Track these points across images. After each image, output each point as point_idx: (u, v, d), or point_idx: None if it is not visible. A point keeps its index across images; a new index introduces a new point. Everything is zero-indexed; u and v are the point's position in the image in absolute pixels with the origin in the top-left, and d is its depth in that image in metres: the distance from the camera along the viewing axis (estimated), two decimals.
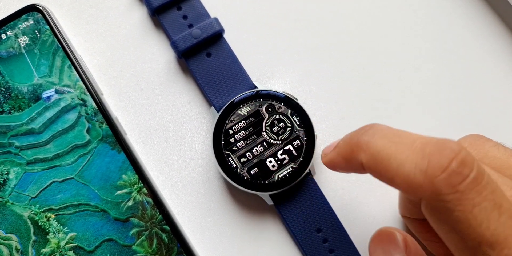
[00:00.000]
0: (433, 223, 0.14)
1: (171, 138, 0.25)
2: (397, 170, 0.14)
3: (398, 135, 0.15)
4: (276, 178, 0.22)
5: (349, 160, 0.16)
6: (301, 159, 0.22)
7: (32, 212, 0.23)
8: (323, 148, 0.19)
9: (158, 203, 0.22)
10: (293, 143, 0.23)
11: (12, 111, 0.23)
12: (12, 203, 0.23)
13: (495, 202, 0.13)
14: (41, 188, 0.23)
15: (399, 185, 0.14)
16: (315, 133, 0.23)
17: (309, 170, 0.23)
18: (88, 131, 0.23)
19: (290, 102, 0.23)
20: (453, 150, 0.13)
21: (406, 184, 0.14)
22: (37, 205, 0.23)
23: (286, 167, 0.22)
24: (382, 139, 0.15)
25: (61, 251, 0.22)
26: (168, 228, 0.22)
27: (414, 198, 0.14)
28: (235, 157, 0.22)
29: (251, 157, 0.22)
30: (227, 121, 0.23)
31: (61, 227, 0.22)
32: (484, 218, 0.13)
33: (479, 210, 0.13)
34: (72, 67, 0.24)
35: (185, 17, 0.25)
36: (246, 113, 0.23)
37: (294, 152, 0.23)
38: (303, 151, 0.23)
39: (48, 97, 0.24)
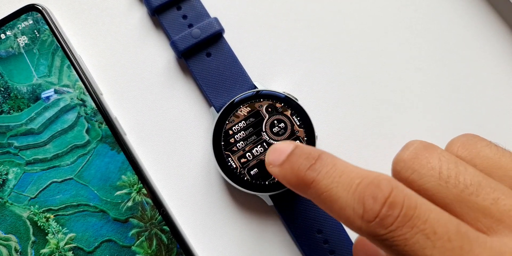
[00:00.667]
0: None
1: (170, 139, 0.25)
2: (339, 212, 0.16)
3: (340, 174, 0.16)
4: (276, 179, 0.22)
5: (295, 189, 0.18)
6: None
7: (32, 212, 0.22)
8: (268, 153, 0.19)
9: (158, 203, 0.22)
10: None
11: (11, 111, 0.23)
12: (11, 204, 0.23)
13: (428, 232, 0.14)
14: (41, 189, 0.23)
15: (343, 224, 0.16)
16: (316, 134, 0.23)
17: None
18: (87, 131, 0.23)
19: (290, 102, 0.23)
20: (383, 194, 0.15)
21: (348, 225, 0.15)
22: (37, 206, 0.23)
23: None
24: (326, 179, 0.16)
25: (60, 252, 0.22)
26: (168, 229, 0.22)
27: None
28: (235, 158, 0.22)
29: (251, 158, 0.22)
30: (227, 122, 0.23)
31: (61, 227, 0.22)
32: (419, 248, 0.14)
33: (413, 242, 0.14)
34: (72, 67, 0.24)
35: (185, 17, 0.25)
36: (246, 114, 0.23)
37: None
38: None
39: (48, 97, 0.24)
